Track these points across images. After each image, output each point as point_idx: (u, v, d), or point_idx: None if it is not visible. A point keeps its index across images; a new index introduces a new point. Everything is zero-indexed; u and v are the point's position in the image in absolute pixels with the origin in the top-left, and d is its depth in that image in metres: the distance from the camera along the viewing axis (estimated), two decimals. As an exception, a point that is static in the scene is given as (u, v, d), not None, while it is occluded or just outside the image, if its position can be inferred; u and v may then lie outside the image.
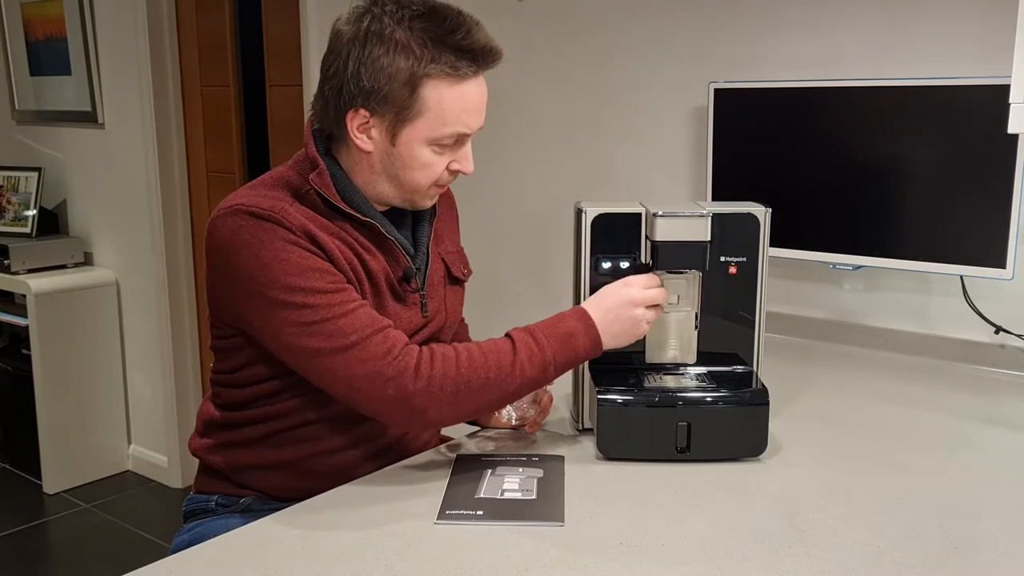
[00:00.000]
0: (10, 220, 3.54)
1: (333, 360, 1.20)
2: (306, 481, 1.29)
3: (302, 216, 1.24)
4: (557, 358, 1.26)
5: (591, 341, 1.29)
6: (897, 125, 1.74)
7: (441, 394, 1.20)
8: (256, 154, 3.23)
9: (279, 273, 1.20)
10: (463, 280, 1.50)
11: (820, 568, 1.02)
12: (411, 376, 1.19)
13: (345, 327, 1.20)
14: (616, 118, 2.28)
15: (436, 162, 1.28)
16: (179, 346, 3.44)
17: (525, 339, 1.26)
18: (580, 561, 1.04)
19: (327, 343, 1.19)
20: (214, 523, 1.35)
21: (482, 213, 2.51)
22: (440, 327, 1.43)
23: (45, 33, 3.54)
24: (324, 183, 1.27)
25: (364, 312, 1.22)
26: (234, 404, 1.36)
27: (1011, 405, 1.61)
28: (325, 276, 1.22)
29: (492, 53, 1.25)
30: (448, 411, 1.23)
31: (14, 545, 3.04)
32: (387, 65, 1.20)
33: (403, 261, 1.34)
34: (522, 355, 1.24)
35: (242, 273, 1.22)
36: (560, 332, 1.27)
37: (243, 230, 1.22)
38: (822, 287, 2.01)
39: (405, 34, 1.20)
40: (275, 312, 1.21)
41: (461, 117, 1.25)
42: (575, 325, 1.28)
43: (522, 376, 1.24)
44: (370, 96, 1.22)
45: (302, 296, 1.20)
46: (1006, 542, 1.09)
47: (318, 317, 1.20)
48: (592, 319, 1.29)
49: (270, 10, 3.03)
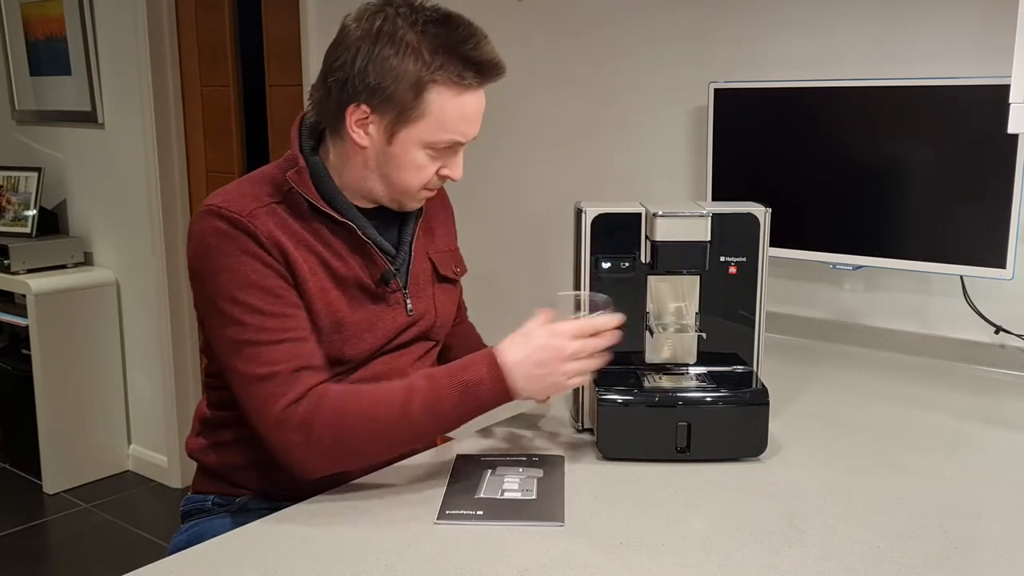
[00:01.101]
0: (10, 220, 3.54)
1: (243, 385, 1.22)
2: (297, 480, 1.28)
3: (273, 221, 1.25)
4: (457, 408, 1.21)
5: (498, 392, 1.22)
6: (897, 125, 1.74)
7: (320, 445, 1.19)
8: (256, 154, 3.23)
9: (226, 283, 1.22)
10: (455, 279, 1.49)
11: (820, 568, 1.02)
12: (293, 426, 1.18)
13: (263, 356, 1.20)
14: (616, 118, 2.28)
15: (428, 166, 1.29)
16: (179, 346, 3.44)
17: (422, 387, 1.21)
18: (580, 561, 1.04)
19: (244, 366, 1.21)
20: (211, 523, 1.35)
21: (482, 213, 2.51)
22: (430, 326, 1.42)
23: (45, 33, 3.54)
24: (303, 181, 1.28)
25: (290, 347, 1.21)
26: (224, 403, 1.36)
27: (1011, 405, 1.61)
28: (269, 298, 1.22)
29: (497, 68, 1.26)
30: (330, 462, 1.22)
31: (14, 545, 3.04)
32: (396, 66, 1.21)
33: (380, 263, 1.34)
34: (415, 405, 1.20)
35: (201, 276, 1.25)
36: (462, 380, 1.21)
37: (209, 233, 1.23)
38: (822, 287, 2.01)
39: (417, 38, 1.21)
40: (216, 321, 1.23)
41: (459, 126, 1.27)
42: (482, 373, 1.21)
43: (414, 427, 1.21)
44: (374, 93, 1.22)
45: (240, 311, 1.21)
46: (1006, 542, 1.09)
47: (245, 337, 1.20)
48: (502, 370, 1.21)
49: (270, 10, 3.03)
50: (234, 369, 1.22)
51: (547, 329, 1.24)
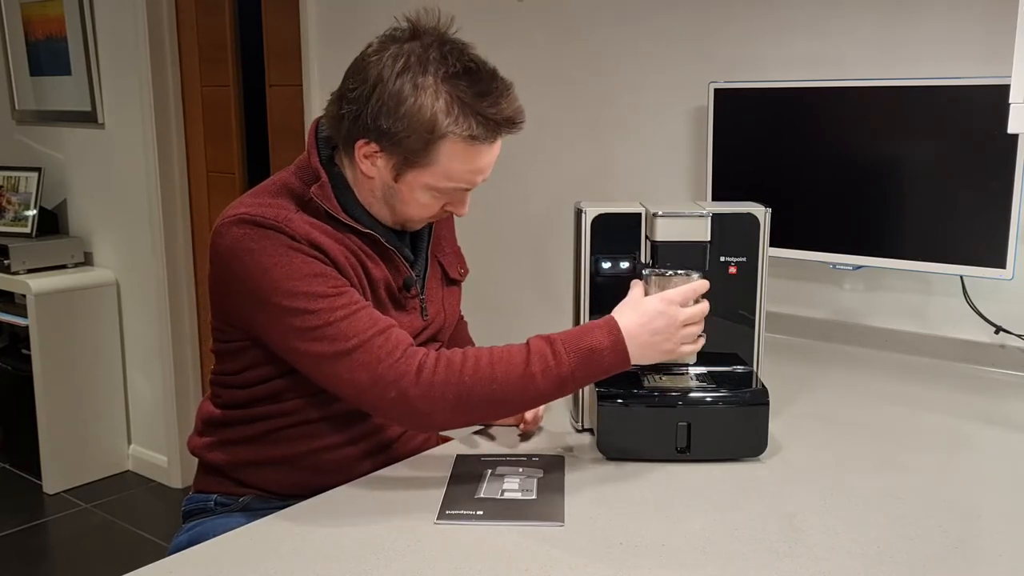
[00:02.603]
0: (10, 220, 3.54)
1: (336, 364, 1.20)
2: (305, 477, 1.30)
3: (306, 224, 1.25)
4: (576, 373, 1.20)
5: (618, 359, 1.22)
6: (897, 125, 1.74)
7: (443, 400, 1.19)
8: (256, 154, 3.23)
9: (281, 278, 1.20)
10: (460, 280, 1.50)
11: (820, 568, 1.02)
12: (412, 380, 1.18)
13: (347, 330, 1.19)
14: (616, 118, 2.28)
15: (432, 204, 1.30)
16: (179, 346, 3.43)
17: (542, 350, 1.20)
18: (580, 561, 1.04)
19: (330, 347, 1.19)
20: (213, 522, 1.35)
21: (482, 213, 2.51)
22: (440, 328, 1.44)
23: (45, 33, 3.54)
24: (326, 195, 1.28)
25: (366, 314, 1.22)
26: (235, 403, 1.36)
27: (1011, 405, 1.61)
28: (327, 280, 1.22)
29: (513, 124, 1.25)
30: (450, 417, 1.22)
31: (14, 545, 3.04)
32: (410, 113, 1.20)
33: (403, 269, 1.35)
34: (535, 367, 1.19)
35: (246, 280, 1.23)
36: (584, 346, 1.20)
37: (246, 238, 1.22)
38: (822, 287, 2.01)
39: (436, 87, 1.20)
40: (279, 317, 1.21)
41: (467, 176, 1.27)
42: (602, 340, 1.21)
43: (534, 390, 1.20)
44: (384, 135, 1.22)
45: (304, 301, 1.20)
46: (1006, 542, 1.09)
47: (320, 322, 1.20)
48: (623, 336, 1.21)
49: (270, 10, 3.03)
50: (318, 353, 1.20)
51: (658, 297, 1.25)
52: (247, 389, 1.33)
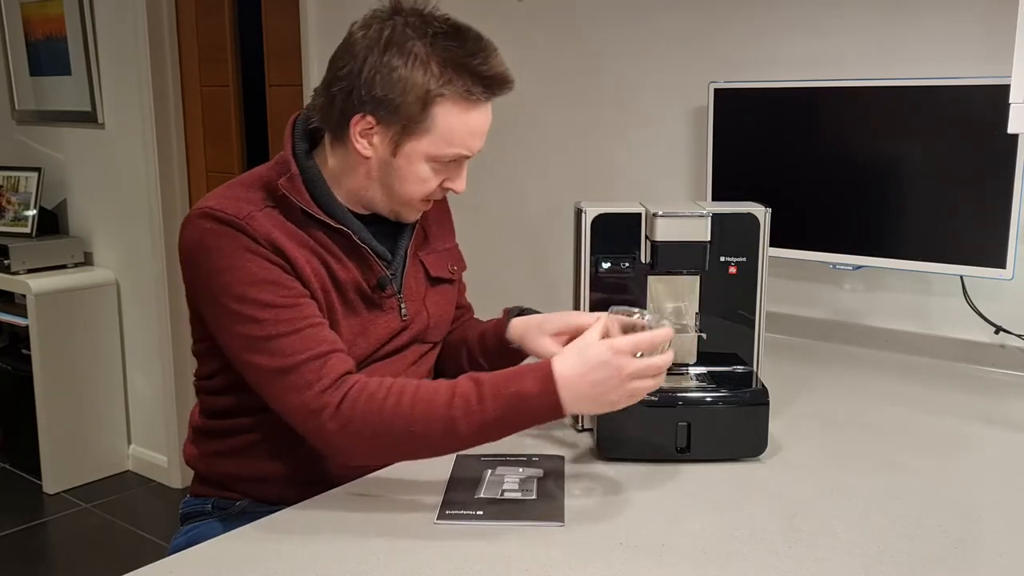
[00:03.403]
0: (10, 220, 3.54)
1: (271, 380, 1.19)
2: (295, 490, 1.26)
3: (270, 223, 1.23)
4: (500, 420, 1.13)
5: (548, 406, 1.13)
6: (897, 125, 1.74)
7: (359, 436, 1.15)
8: (256, 154, 3.23)
9: (233, 282, 1.19)
10: (450, 278, 1.47)
11: (820, 568, 1.02)
12: (331, 412, 1.15)
13: (287, 347, 1.17)
14: (616, 118, 2.28)
15: (431, 178, 1.28)
16: (179, 346, 3.43)
17: (467, 392, 1.14)
18: (580, 561, 1.04)
19: (268, 361, 1.18)
20: (211, 525, 1.35)
21: (482, 213, 2.51)
22: (423, 328, 1.40)
23: (45, 33, 3.54)
24: (295, 188, 1.26)
25: (311, 333, 1.19)
26: (216, 412, 1.35)
27: (1011, 405, 1.61)
28: (279, 289, 1.20)
29: (505, 82, 1.25)
30: (368, 454, 1.19)
31: (14, 545, 3.04)
32: (403, 78, 1.19)
33: (377, 269, 1.32)
34: (457, 411, 1.13)
35: (202, 278, 1.22)
36: (511, 391, 1.13)
37: (207, 234, 1.21)
38: (822, 287, 2.01)
39: (426, 50, 1.20)
40: (227, 321, 1.20)
41: (466, 140, 1.25)
42: (532, 386, 1.13)
43: (455, 434, 1.13)
44: (380, 105, 1.21)
45: (251, 308, 1.18)
46: (1006, 542, 1.09)
47: (264, 333, 1.18)
48: (555, 384, 1.12)
49: (270, 10, 3.03)
50: (257, 365, 1.19)
51: (607, 345, 1.13)
52: (223, 396, 1.32)
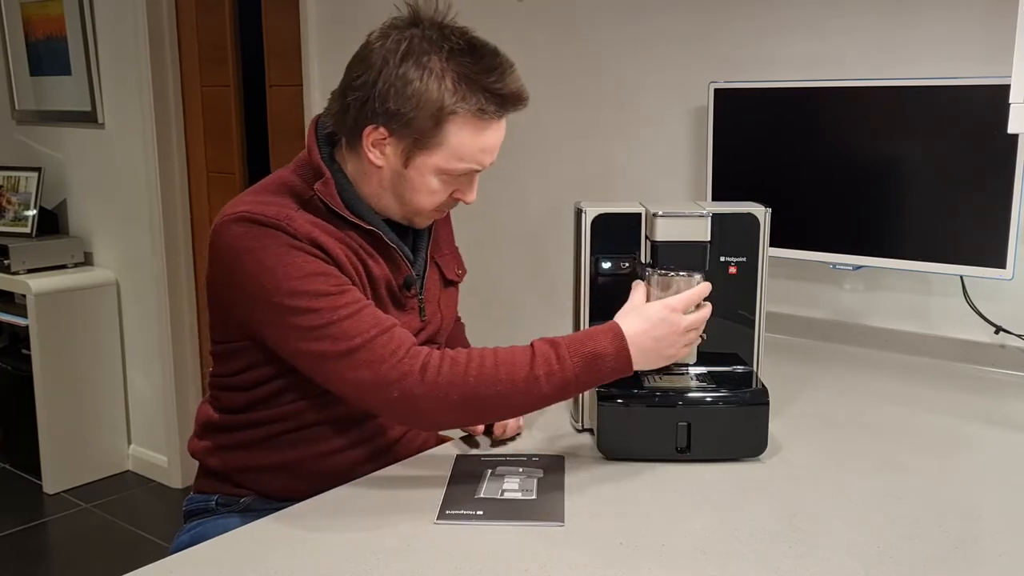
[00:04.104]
0: (10, 220, 3.54)
1: (338, 363, 1.19)
2: (305, 482, 1.29)
3: (307, 222, 1.24)
4: (580, 378, 1.21)
5: (621, 364, 1.22)
6: (897, 125, 1.74)
7: (447, 400, 1.18)
8: (256, 154, 3.23)
9: (282, 278, 1.20)
10: (457, 281, 1.50)
11: (820, 568, 1.02)
12: (416, 379, 1.18)
13: (349, 330, 1.19)
14: (616, 118, 2.28)
15: (441, 190, 1.29)
16: (179, 346, 3.44)
17: (547, 353, 1.20)
18: (580, 561, 1.04)
19: (332, 346, 1.19)
20: (214, 523, 1.35)
21: (482, 213, 2.51)
22: (437, 329, 1.43)
23: (45, 33, 3.54)
24: (329, 192, 1.27)
25: (368, 313, 1.22)
26: (233, 407, 1.35)
27: (1011, 405, 1.61)
28: (328, 279, 1.22)
29: (519, 99, 1.26)
30: (452, 417, 1.22)
31: (14, 545, 3.04)
32: (418, 92, 1.20)
33: (404, 268, 1.35)
34: (539, 371, 1.19)
35: (246, 279, 1.22)
36: (587, 351, 1.21)
37: (247, 236, 1.22)
38: (822, 287, 2.01)
39: (441, 65, 1.20)
40: (280, 317, 1.21)
41: (477, 156, 1.27)
42: (606, 346, 1.21)
43: (538, 392, 1.20)
44: (393, 118, 1.22)
45: (306, 300, 1.20)
46: (1006, 542, 1.09)
47: (322, 321, 1.19)
48: (627, 342, 1.22)
49: (270, 10, 3.03)
50: (320, 352, 1.20)
51: (661, 304, 1.26)
52: (246, 391, 1.33)
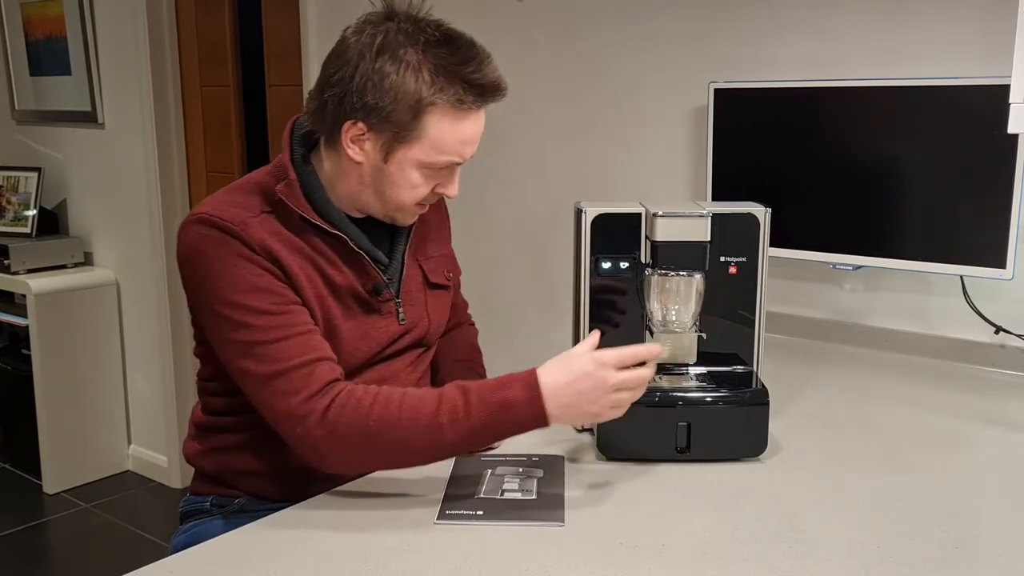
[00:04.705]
0: (10, 220, 3.54)
1: (259, 385, 1.20)
2: (294, 486, 1.28)
3: (265, 230, 1.23)
4: (488, 426, 1.16)
5: (533, 415, 1.16)
6: (897, 125, 1.74)
7: (347, 443, 1.17)
8: (256, 154, 3.23)
9: (226, 288, 1.20)
10: (447, 285, 1.47)
11: (820, 568, 1.02)
12: (316, 419, 1.16)
13: (275, 353, 1.19)
14: (616, 118, 2.28)
15: (423, 184, 1.28)
16: (179, 346, 3.43)
17: (454, 400, 1.16)
18: (580, 561, 1.04)
19: (256, 366, 1.19)
20: (210, 523, 1.35)
21: (482, 213, 2.51)
22: (424, 334, 1.41)
23: (45, 33, 3.54)
24: (292, 194, 1.26)
25: (300, 340, 1.20)
26: (220, 409, 1.35)
27: (1011, 405, 1.61)
28: (270, 297, 1.21)
29: (498, 90, 1.25)
30: (355, 461, 1.21)
31: (14, 545, 3.04)
32: (395, 85, 1.19)
33: (373, 274, 1.33)
34: (443, 418, 1.15)
35: (197, 283, 1.23)
36: (497, 399, 1.15)
37: (201, 240, 1.22)
38: (822, 287, 2.01)
39: (418, 58, 1.19)
40: (219, 326, 1.22)
41: (457, 148, 1.25)
42: (518, 394, 1.15)
43: (441, 440, 1.15)
44: (371, 112, 1.21)
45: (243, 314, 1.19)
46: (1006, 542, 1.09)
47: (254, 338, 1.19)
48: (541, 392, 1.15)
49: (270, 10, 3.03)
50: (246, 371, 1.20)
51: (592, 356, 1.17)
52: (226, 396, 1.33)
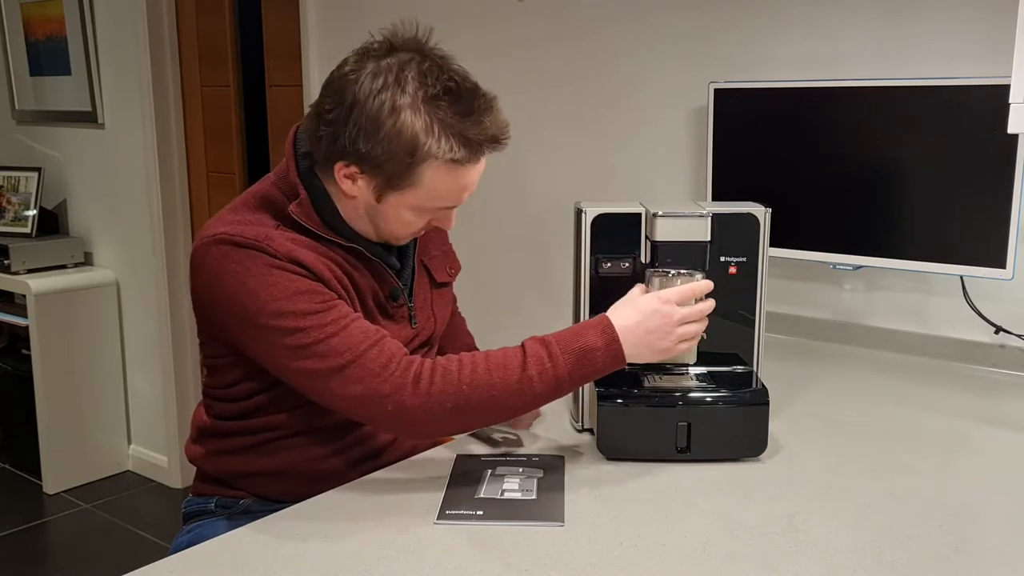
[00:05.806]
0: (10, 220, 3.54)
1: (329, 380, 1.18)
2: (299, 487, 1.28)
3: (287, 240, 1.22)
4: (573, 374, 1.20)
5: (612, 357, 1.21)
6: (897, 125, 1.74)
7: (440, 410, 1.17)
8: (256, 154, 3.23)
9: (267, 299, 1.18)
10: (449, 281, 1.48)
11: (820, 568, 1.02)
12: (409, 391, 1.17)
13: (338, 346, 1.18)
14: (616, 118, 2.28)
15: (417, 221, 1.28)
16: (179, 346, 3.43)
17: (537, 352, 1.19)
18: (580, 561, 1.04)
19: (322, 364, 1.18)
20: (214, 524, 1.35)
21: (482, 213, 2.51)
22: (430, 335, 1.42)
23: (45, 33, 3.54)
24: (305, 212, 1.25)
25: (356, 327, 1.20)
26: (225, 415, 1.35)
27: (1011, 405, 1.61)
28: (313, 296, 1.20)
29: (498, 142, 1.23)
30: (448, 426, 1.21)
31: (14, 545, 3.04)
32: (389, 137, 1.16)
33: (389, 280, 1.34)
34: (532, 371, 1.18)
35: (231, 302, 1.21)
36: (578, 347, 1.20)
37: (227, 258, 1.20)
38: (822, 287, 2.01)
39: (415, 110, 1.16)
40: (268, 338, 1.20)
41: (453, 195, 1.25)
42: (596, 340, 1.20)
43: (531, 393, 1.19)
44: (364, 159, 1.19)
45: (292, 320, 1.18)
46: (1006, 542, 1.09)
47: (310, 339, 1.18)
48: (617, 334, 1.21)
49: (270, 10, 3.03)
50: (310, 370, 1.18)
51: (655, 295, 1.24)
52: (235, 403, 1.33)
